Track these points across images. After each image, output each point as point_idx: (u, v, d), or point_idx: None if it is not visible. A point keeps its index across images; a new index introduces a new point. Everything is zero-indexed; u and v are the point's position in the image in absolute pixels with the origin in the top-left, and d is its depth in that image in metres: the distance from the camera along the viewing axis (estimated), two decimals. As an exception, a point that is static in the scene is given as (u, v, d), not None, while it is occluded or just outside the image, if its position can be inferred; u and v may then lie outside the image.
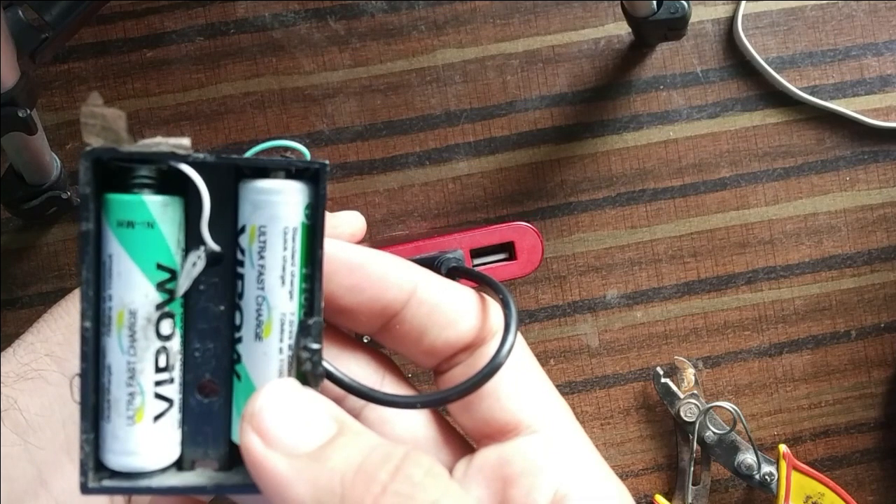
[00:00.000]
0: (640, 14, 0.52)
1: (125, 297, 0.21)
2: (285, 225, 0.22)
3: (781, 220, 0.57)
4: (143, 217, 0.21)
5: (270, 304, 0.22)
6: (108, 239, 0.22)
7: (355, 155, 0.56)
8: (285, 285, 0.22)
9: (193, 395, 0.23)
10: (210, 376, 0.23)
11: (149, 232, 0.22)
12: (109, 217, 0.21)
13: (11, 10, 0.41)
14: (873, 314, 0.57)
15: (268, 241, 0.22)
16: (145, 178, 0.22)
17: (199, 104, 0.55)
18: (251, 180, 0.22)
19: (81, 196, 0.21)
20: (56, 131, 0.55)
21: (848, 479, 0.56)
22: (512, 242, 0.33)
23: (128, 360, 0.22)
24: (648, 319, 0.56)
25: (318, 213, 0.22)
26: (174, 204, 0.22)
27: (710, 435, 0.54)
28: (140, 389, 0.22)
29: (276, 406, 0.22)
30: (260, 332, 0.22)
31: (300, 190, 0.22)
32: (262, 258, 0.22)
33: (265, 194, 0.22)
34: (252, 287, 0.22)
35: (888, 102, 0.57)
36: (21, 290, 0.54)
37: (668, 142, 0.57)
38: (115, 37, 0.55)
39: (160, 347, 0.22)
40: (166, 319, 0.22)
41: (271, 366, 0.23)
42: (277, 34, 0.56)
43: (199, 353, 0.23)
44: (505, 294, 0.26)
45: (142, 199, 0.21)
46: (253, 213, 0.22)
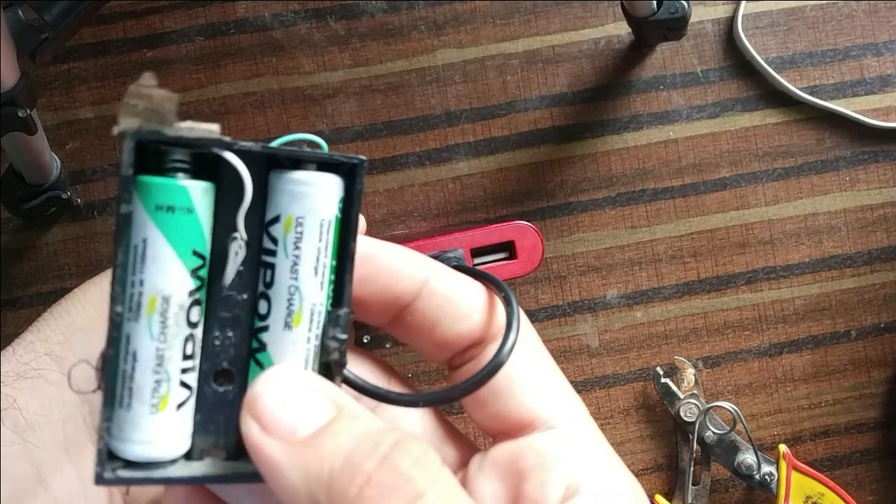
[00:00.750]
0: (640, 14, 0.52)
1: (159, 282, 0.21)
2: (322, 217, 0.22)
3: (781, 220, 0.57)
4: (184, 202, 0.21)
5: (303, 294, 0.22)
6: (143, 223, 0.21)
7: (355, 155, 0.56)
8: (318, 276, 0.22)
9: (209, 383, 0.23)
10: (227, 365, 0.23)
11: (188, 217, 0.21)
12: (146, 200, 0.21)
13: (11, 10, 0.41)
14: (873, 314, 0.57)
15: (304, 232, 0.22)
16: (181, 161, 0.22)
17: (199, 104, 0.55)
18: (288, 171, 0.23)
19: (122, 178, 0.20)
20: (56, 131, 0.55)
21: (848, 479, 0.56)
22: (512, 242, 0.33)
23: (157, 346, 0.21)
24: (648, 319, 0.56)
25: (351, 207, 0.23)
26: (210, 191, 0.22)
27: (710, 435, 0.54)
28: (167, 377, 0.21)
29: (274, 391, 0.21)
30: (290, 321, 0.22)
31: (337, 184, 0.23)
32: (298, 248, 0.22)
33: (305, 185, 0.22)
34: (285, 276, 0.22)
35: (888, 102, 0.57)
36: (21, 290, 0.54)
37: (668, 142, 0.57)
38: (115, 37, 0.55)
39: (189, 335, 0.22)
40: (196, 307, 0.22)
41: (298, 354, 0.23)
42: (277, 34, 0.56)
43: (219, 342, 0.23)
44: (507, 292, 0.26)
45: (180, 184, 0.21)
46: (291, 204, 0.22)
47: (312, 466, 0.20)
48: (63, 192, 0.52)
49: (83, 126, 0.55)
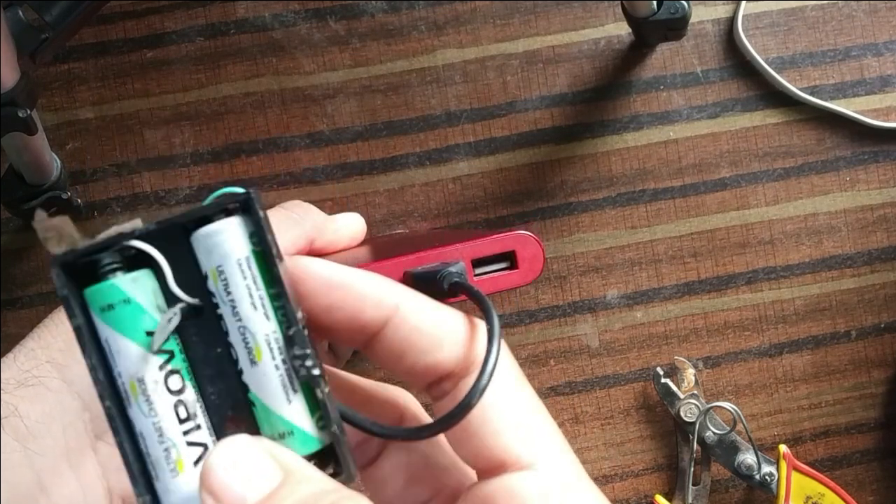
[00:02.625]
0: (641, 14, 0.52)
1: (130, 368, 0.24)
2: (237, 257, 0.24)
3: (781, 220, 0.57)
4: (118, 297, 0.24)
5: (252, 331, 0.24)
6: (98, 325, 0.24)
7: (355, 155, 0.56)
8: (258, 309, 0.24)
9: (224, 433, 0.25)
10: (232, 413, 0.25)
11: (128, 307, 0.24)
12: (93, 306, 0.24)
13: (11, 10, 0.41)
14: (873, 314, 0.57)
15: (228, 278, 0.24)
16: (112, 263, 0.24)
17: (199, 104, 0.55)
18: (196, 231, 0.25)
19: (62, 298, 0.24)
20: (56, 131, 0.55)
21: (848, 480, 0.56)
22: (513, 251, 0.33)
23: (152, 421, 0.24)
24: (648, 319, 0.56)
25: (262, 238, 0.24)
26: (143, 276, 0.24)
27: (710, 435, 0.54)
28: (172, 443, 0.24)
29: (223, 462, 0.23)
30: (253, 357, 0.24)
31: (237, 223, 0.24)
32: (230, 293, 0.24)
33: (209, 238, 0.24)
34: (232, 322, 0.24)
35: (888, 102, 0.57)
36: (21, 290, 0.54)
37: (668, 142, 0.57)
38: (115, 37, 0.55)
39: (176, 402, 0.24)
40: (173, 376, 0.24)
41: (274, 384, 0.24)
42: (277, 34, 0.56)
43: (216, 396, 0.25)
44: (493, 324, 0.26)
45: (111, 282, 0.24)
46: (208, 259, 0.25)
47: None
48: (63, 192, 0.52)
49: (83, 126, 0.55)
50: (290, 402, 0.24)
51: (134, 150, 0.55)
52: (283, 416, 0.24)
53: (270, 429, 0.25)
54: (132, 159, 0.55)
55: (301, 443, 0.25)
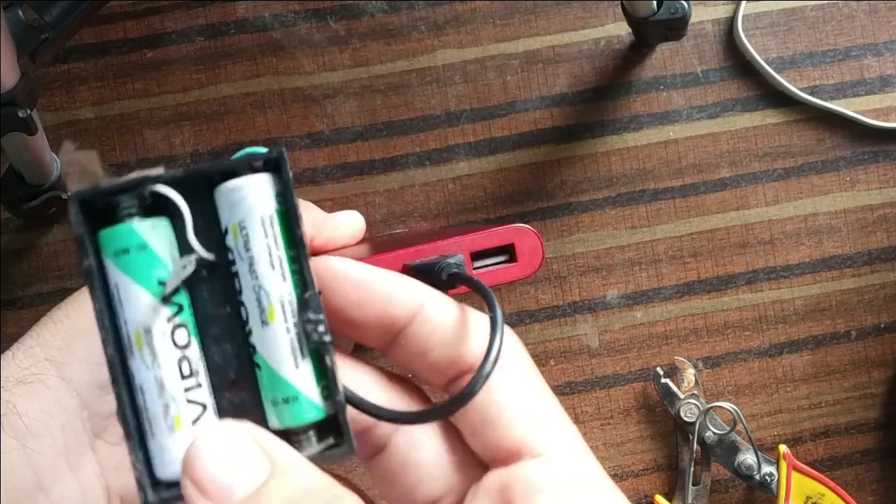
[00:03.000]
0: (641, 14, 0.52)
1: (137, 317, 0.23)
2: (261, 214, 0.24)
3: (781, 220, 0.57)
4: (135, 241, 0.23)
5: (267, 290, 0.24)
6: (110, 269, 0.24)
7: (355, 155, 0.56)
8: (276, 269, 0.24)
9: (224, 395, 0.24)
10: (234, 375, 0.24)
11: (143, 253, 0.23)
12: (106, 250, 0.24)
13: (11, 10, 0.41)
14: (873, 314, 0.57)
15: (249, 234, 0.24)
16: (131, 207, 0.24)
17: (199, 104, 0.55)
18: (222, 184, 0.24)
19: (76, 237, 0.23)
20: (56, 131, 0.55)
21: (848, 480, 0.56)
22: (512, 244, 0.33)
23: (154, 374, 0.23)
24: (648, 320, 0.56)
25: (287, 198, 0.24)
26: (161, 224, 0.24)
27: (711, 435, 0.54)
28: (172, 399, 0.23)
29: (208, 452, 0.22)
30: (265, 317, 0.24)
31: (266, 180, 0.24)
32: (249, 250, 0.24)
33: (236, 192, 0.24)
34: (247, 279, 0.24)
35: (888, 102, 0.57)
36: (21, 290, 0.54)
37: (668, 142, 0.57)
38: (115, 37, 0.55)
39: (181, 356, 0.24)
40: (180, 329, 0.24)
41: (283, 346, 0.24)
42: (277, 34, 0.56)
43: (219, 357, 0.24)
44: (495, 313, 0.26)
45: (129, 226, 0.23)
46: (231, 213, 0.24)
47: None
48: (63, 192, 0.52)
49: (83, 126, 0.55)
50: (297, 367, 0.24)
51: (134, 150, 0.55)
52: (289, 381, 0.24)
53: (274, 392, 0.24)
54: (132, 159, 0.55)
55: (305, 410, 0.24)
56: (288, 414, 0.24)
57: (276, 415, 0.24)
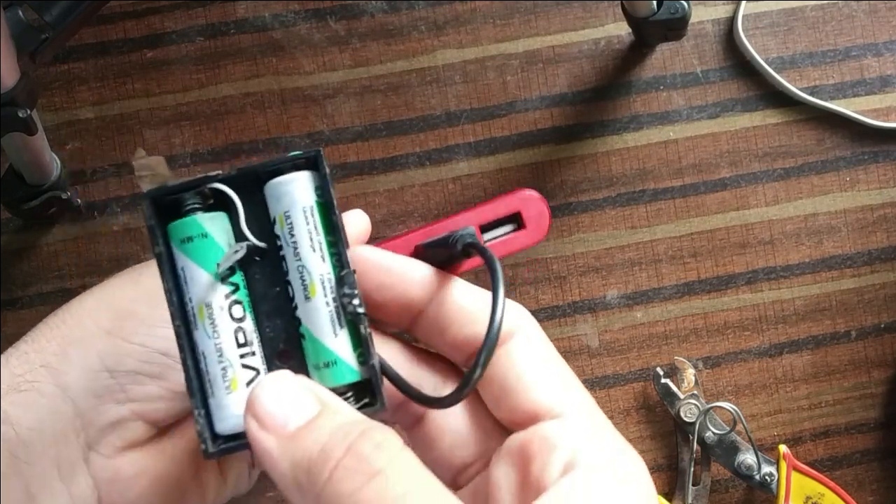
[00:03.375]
0: (641, 14, 0.52)
1: (200, 294, 0.28)
2: (303, 205, 0.28)
3: (781, 220, 0.57)
4: (198, 231, 0.28)
5: (309, 269, 0.28)
6: (177, 256, 0.28)
7: (355, 155, 0.56)
8: (316, 252, 0.28)
9: (275, 363, 0.28)
10: (283, 345, 0.28)
11: (205, 241, 0.28)
12: (174, 239, 0.28)
13: (11, 10, 0.41)
14: (873, 314, 0.57)
15: (293, 222, 0.28)
16: (194, 203, 0.28)
17: (199, 104, 0.55)
18: (269, 181, 0.28)
19: (148, 228, 0.28)
20: (56, 131, 0.55)
21: (848, 480, 0.56)
22: (519, 212, 0.33)
23: (215, 342, 0.28)
24: (648, 320, 0.56)
25: (326, 191, 0.28)
26: (220, 217, 0.28)
27: (711, 435, 0.54)
28: (230, 363, 0.28)
29: (268, 393, 0.26)
30: (308, 293, 0.28)
31: (306, 176, 0.28)
32: (293, 236, 0.28)
33: (281, 186, 0.28)
34: (292, 261, 0.28)
35: (888, 103, 0.57)
36: (21, 290, 0.54)
37: (668, 142, 0.57)
38: (115, 37, 0.55)
39: (237, 328, 0.28)
40: (236, 305, 0.28)
41: (323, 318, 0.28)
42: (277, 34, 0.56)
43: (271, 330, 0.29)
44: (497, 292, 0.28)
45: (193, 218, 0.28)
46: (277, 205, 0.28)
47: (297, 456, 0.24)
48: (63, 192, 0.52)
49: (83, 126, 0.55)
50: (336, 335, 0.28)
51: (134, 149, 0.55)
52: (330, 348, 0.28)
53: (317, 358, 0.28)
54: (132, 159, 0.55)
55: (343, 373, 0.28)
56: (329, 376, 0.28)
57: (319, 378, 0.28)
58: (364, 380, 0.28)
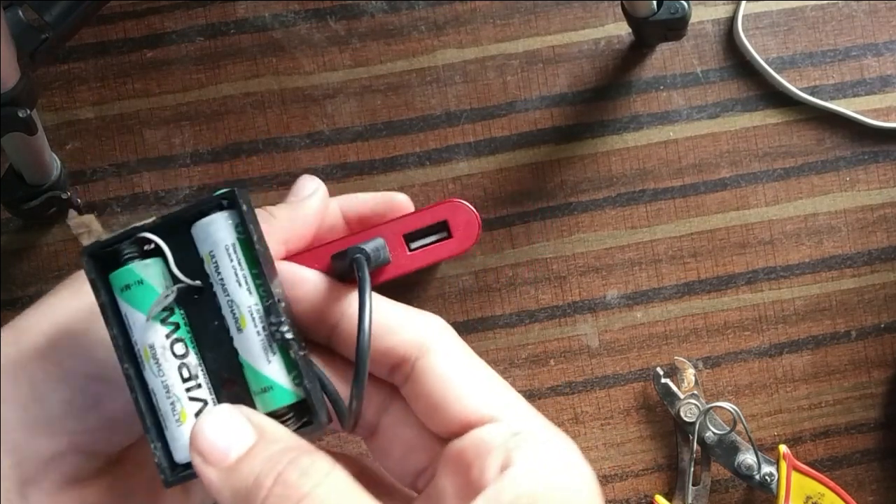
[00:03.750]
0: (641, 14, 0.52)
1: (142, 337, 0.29)
2: (225, 243, 0.29)
3: (781, 220, 0.57)
4: (134, 278, 0.29)
5: (237, 303, 0.29)
6: (120, 303, 0.30)
7: (355, 155, 0.56)
8: (242, 286, 0.29)
9: (222, 392, 0.30)
10: (227, 375, 0.30)
11: (141, 287, 0.29)
12: (115, 287, 0.30)
13: (11, 10, 0.41)
14: (873, 314, 0.57)
15: (218, 260, 0.29)
16: (130, 252, 0.30)
17: (199, 104, 0.55)
18: (195, 223, 0.30)
19: (90, 281, 0.29)
20: (56, 131, 0.55)
21: (848, 480, 0.56)
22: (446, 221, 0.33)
23: (161, 380, 0.29)
24: (648, 320, 0.56)
25: (245, 227, 0.29)
26: (154, 263, 0.30)
27: (711, 435, 0.54)
28: (177, 398, 0.29)
29: (208, 427, 0.27)
30: (239, 325, 0.29)
31: (226, 216, 0.29)
32: (219, 273, 0.29)
33: (204, 228, 0.29)
34: (222, 296, 0.29)
35: (888, 103, 0.57)
36: (21, 290, 0.54)
37: (668, 142, 0.57)
38: (115, 37, 0.55)
39: (180, 364, 0.29)
40: (178, 343, 0.30)
41: (256, 347, 0.29)
42: (277, 34, 0.56)
43: (214, 361, 0.30)
44: (362, 315, 0.29)
45: (129, 267, 0.29)
46: (203, 245, 0.30)
47: (235, 486, 0.26)
48: (63, 192, 0.52)
49: (83, 126, 0.55)
50: (269, 362, 0.29)
51: (134, 150, 0.55)
52: (265, 374, 0.29)
53: (256, 384, 0.29)
54: (132, 159, 0.55)
55: (280, 396, 0.29)
56: (268, 400, 0.29)
57: (261, 402, 0.29)
58: (302, 399, 0.29)
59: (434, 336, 0.30)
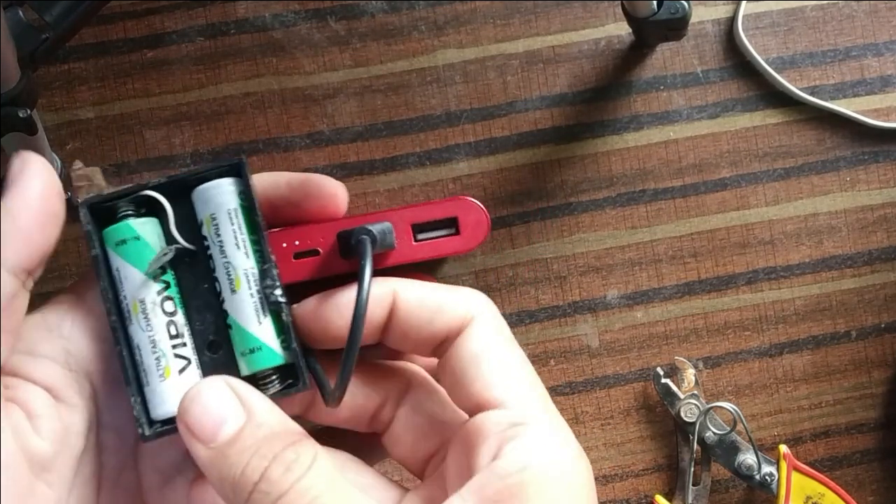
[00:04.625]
0: (641, 14, 0.52)
1: (133, 292, 0.30)
2: (228, 208, 0.30)
3: (782, 220, 0.57)
4: (130, 234, 0.30)
5: (234, 265, 0.30)
6: (112, 257, 0.30)
7: (355, 155, 0.56)
8: (240, 249, 0.30)
9: (205, 353, 0.31)
10: (213, 336, 0.31)
11: (137, 243, 0.30)
12: (109, 242, 0.30)
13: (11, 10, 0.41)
14: (873, 314, 0.57)
15: (219, 223, 0.30)
16: (127, 209, 0.31)
17: (200, 104, 0.55)
18: (198, 187, 0.31)
19: (85, 233, 0.30)
20: (56, 131, 0.55)
21: (848, 480, 0.56)
22: (456, 217, 0.33)
23: (148, 335, 0.30)
24: (649, 320, 0.56)
25: (248, 196, 0.30)
26: (151, 221, 0.31)
27: (711, 435, 0.54)
28: (162, 353, 0.30)
29: (198, 402, 0.28)
30: (233, 287, 0.30)
31: (231, 182, 0.30)
32: (219, 235, 0.30)
33: (208, 191, 0.30)
34: (219, 258, 0.30)
35: (888, 103, 0.57)
36: (21, 290, 0.54)
37: (668, 142, 0.57)
38: (115, 37, 0.55)
39: (168, 321, 0.30)
40: (167, 301, 0.30)
41: (248, 308, 0.30)
42: (278, 34, 0.56)
43: (200, 324, 0.31)
44: (360, 295, 0.29)
45: (126, 222, 0.30)
46: (204, 208, 0.30)
47: (223, 472, 0.27)
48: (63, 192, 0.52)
49: (83, 126, 0.55)
50: (260, 323, 0.30)
51: (134, 150, 0.55)
52: (255, 335, 0.30)
53: (243, 345, 0.30)
54: (132, 159, 0.55)
55: (267, 357, 0.30)
56: (255, 361, 0.30)
57: (246, 363, 0.30)
58: (288, 363, 0.30)
59: (475, 313, 0.30)
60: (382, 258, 0.33)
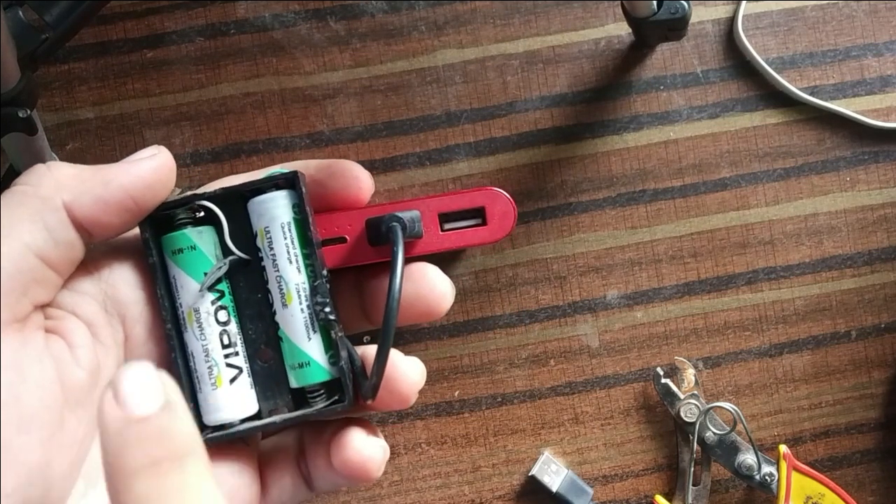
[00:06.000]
0: (641, 14, 0.52)
1: (189, 301, 0.31)
2: (281, 222, 0.31)
3: (781, 220, 0.57)
4: (187, 243, 0.31)
5: (286, 279, 0.31)
6: (169, 266, 0.31)
7: (355, 155, 0.56)
8: (292, 263, 0.31)
9: (256, 362, 0.32)
10: (264, 346, 0.32)
11: (193, 253, 0.31)
12: (166, 250, 0.31)
13: (11, 11, 0.41)
14: (874, 315, 0.57)
15: (272, 236, 0.31)
16: (185, 218, 0.31)
17: (199, 104, 0.55)
18: (252, 198, 0.31)
19: (143, 240, 0.31)
20: (56, 131, 0.55)
21: (848, 480, 0.56)
22: (483, 207, 0.33)
23: (202, 344, 0.31)
24: (648, 320, 0.56)
25: (302, 209, 0.31)
26: (207, 231, 0.31)
27: (711, 435, 0.54)
28: (215, 363, 0.31)
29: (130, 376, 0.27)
30: (285, 301, 0.31)
31: (285, 195, 0.31)
32: (272, 248, 0.31)
33: (262, 204, 0.31)
34: (271, 271, 0.31)
35: (888, 103, 0.57)
36: (21, 290, 0.54)
37: (668, 142, 0.57)
38: (115, 37, 0.55)
39: (221, 331, 0.31)
40: (221, 311, 0.31)
41: (299, 323, 0.31)
42: (277, 34, 0.56)
43: (253, 332, 0.32)
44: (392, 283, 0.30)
45: (183, 232, 0.31)
46: (259, 220, 0.31)
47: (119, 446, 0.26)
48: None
49: (83, 126, 0.55)
50: (309, 339, 0.30)
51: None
52: (304, 350, 0.31)
53: (292, 359, 0.31)
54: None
55: (315, 373, 0.30)
56: (303, 376, 0.31)
57: (295, 377, 0.31)
58: (334, 378, 0.31)
59: None
60: (409, 247, 0.33)
